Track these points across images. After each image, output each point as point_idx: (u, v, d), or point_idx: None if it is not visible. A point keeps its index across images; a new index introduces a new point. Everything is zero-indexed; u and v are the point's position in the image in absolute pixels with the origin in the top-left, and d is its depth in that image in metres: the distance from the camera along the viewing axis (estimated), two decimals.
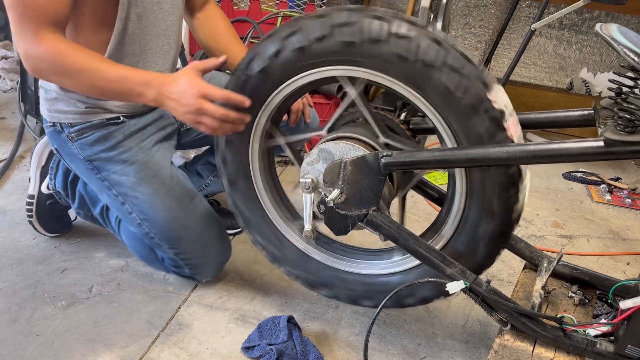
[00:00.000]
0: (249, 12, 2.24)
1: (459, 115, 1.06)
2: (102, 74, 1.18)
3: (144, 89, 1.19)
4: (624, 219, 2.10)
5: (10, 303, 1.44)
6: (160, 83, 1.19)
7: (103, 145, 1.38)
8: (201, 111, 1.16)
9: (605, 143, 0.94)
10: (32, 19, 1.14)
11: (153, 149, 1.43)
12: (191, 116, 1.18)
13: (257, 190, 1.36)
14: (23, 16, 1.14)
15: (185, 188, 1.45)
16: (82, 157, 1.40)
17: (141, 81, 1.19)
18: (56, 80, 1.24)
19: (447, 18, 2.40)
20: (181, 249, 1.43)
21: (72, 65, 1.17)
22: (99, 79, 1.19)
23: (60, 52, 1.17)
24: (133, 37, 1.32)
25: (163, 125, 1.49)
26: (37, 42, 1.16)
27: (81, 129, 1.38)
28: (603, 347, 1.03)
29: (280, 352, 1.27)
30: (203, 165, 1.73)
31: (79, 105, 1.35)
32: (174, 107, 1.19)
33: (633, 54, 0.90)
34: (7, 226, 1.76)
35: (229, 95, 1.18)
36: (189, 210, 1.42)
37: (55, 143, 1.44)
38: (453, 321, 1.48)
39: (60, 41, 1.18)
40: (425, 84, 1.07)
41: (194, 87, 1.16)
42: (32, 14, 1.14)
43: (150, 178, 1.39)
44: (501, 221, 1.13)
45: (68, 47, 1.18)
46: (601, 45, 2.87)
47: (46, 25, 1.16)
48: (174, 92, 1.18)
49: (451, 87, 1.04)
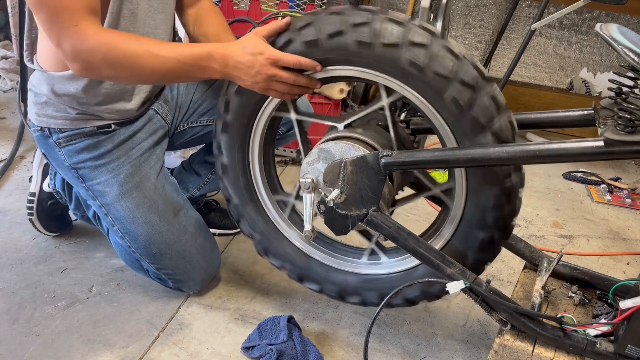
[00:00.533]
0: (249, 12, 2.24)
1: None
2: (161, 55, 1.14)
3: (208, 62, 1.15)
4: (624, 219, 2.10)
5: (10, 303, 1.44)
6: (225, 54, 1.14)
7: (90, 154, 1.35)
8: (273, 78, 1.13)
9: (605, 143, 0.94)
10: (70, 12, 1.08)
11: (141, 158, 1.39)
12: (262, 84, 1.14)
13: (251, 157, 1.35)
14: (59, 12, 1.07)
15: (170, 201, 1.40)
16: (67, 164, 1.37)
17: (203, 54, 1.14)
18: (111, 73, 1.16)
19: (447, 18, 2.40)
20: (162, 265, 1.41)
21: (127, 52, 1.12)
22: (159, 62, 1.14)
23: (112, 40, 1.11)
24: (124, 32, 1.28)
25: (154, 129, 1.45)
26: (83, 35, 1.09)
27: (70, 136, 1.34)
28: (603, 347, 1.03)
29: (280, 352, 1.27)
30: (200, 163, 1.72)
31: (70, 111, 1.32)
32: (241, 77, 1.15)
33: (633, 54, 0.90)
34: (7, 226, 1.76)
35: (300, 60, 1.13)
36: (172, 225, 1.39)
37: (43, 148, 1.40)
38: (453, 321, 1.48)
39: (107, 30, 1.13)
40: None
41: (263, 53, 1.12)
42: (69, 5, 1.07)
43: (134, 191, 1.36)
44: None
45: (117, 34, 1.14)
46: (601, 45, 2.87)
47: (86, 16, 1.10)
48: (242, 62, 1.13)
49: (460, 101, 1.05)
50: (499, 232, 1.17)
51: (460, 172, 1.14)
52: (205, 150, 1.72)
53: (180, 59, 1.15)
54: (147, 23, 1.32)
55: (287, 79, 1.14)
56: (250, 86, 1.16)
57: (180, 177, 1.74)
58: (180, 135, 1.59)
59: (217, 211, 1.83)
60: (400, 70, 1.08)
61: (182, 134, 1.59)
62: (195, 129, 1.60)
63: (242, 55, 1.13)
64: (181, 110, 1.56)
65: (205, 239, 1.47)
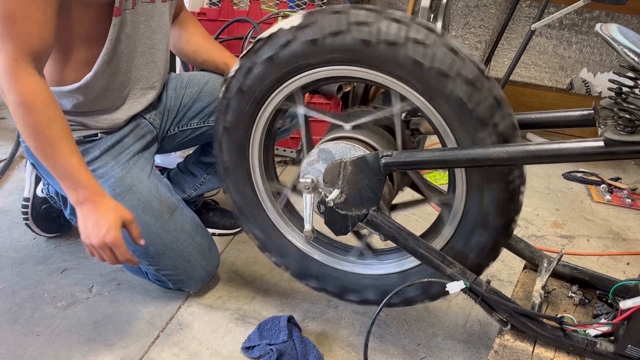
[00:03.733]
0: (249, 12, 2.24)
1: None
2: (59, 151, 1.15)
3: (77, 186, 1.18)
4: (624, 219, 2.10)
5: (10, 303, 1.44)
6: (95, 195, 1.19)
7: None
8: (102, 251, 1.20)
9: (605, 143, 0.94)
10: (17, 45, 1.08)
11: (131, 162, 1.39)
12: (91, 247, 1.20)
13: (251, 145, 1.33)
14: (9, 37, 1.08)
15: (165, 201, 1.40)
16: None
17: (82, 181, 1.18)
18: (12, 113, 1.14)
19: (447, 18, 2.40)
20: (161, 266, 1.40)
21: (37, 121, 1.12)
22: (53, 152, 1.15)
23: (33, 102, 1.11)
24: (121, 55, 1.31)
25: (142, 134, 1.45)
26: (13, 73, 1.09)
27: None
28: (603, 347, 1.03)
29: (280, 352, 1.27)
30: (195, 164, 1.71)
31: None
32: (86, 222, 1.19)
33: (633, 54, 0.90)
34: (7, 226, 1.76)
35: (127, 257, 1.22)
36: (169, 225, 1.39)
37: (31, 158, 1.39)
38: (453, 321, 1.48)
39: (37, 86, 1.12)
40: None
41: (110, 231, 1.17)
42: (18, 38, 1.08)
43: (126, 194, 1.35)
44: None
45: (42, 97, 1.13)
46: (601, 45, 2.87)
47: (29, 56, 1.10)
48: (94, 218, 1.18)
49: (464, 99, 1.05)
50: (500, 233, 1.17)
51: (460, 172, 1.14)
52: (200, 151, 1.71)
53: (65, 167, 1.17)
54: (143, 42, 1.36)
55: (109, 257, 1.20)
56: (84, 237, 1.21)
57: (176, 179, 1.74)
58: (171, 139, 1.59)
59: (216, 211, 1.83)
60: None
61: (173, 138, 1.59)
62: (185, 132, 1.60)
63: (103, 212, 1.18)
64: (170, 114, 1.56)
65: (203, 238, 1.47)
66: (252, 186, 1.35)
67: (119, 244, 1.18)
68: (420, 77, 1.06)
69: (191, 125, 1.59)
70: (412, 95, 1.09)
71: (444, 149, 1.10)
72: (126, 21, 1.28)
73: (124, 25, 1.28)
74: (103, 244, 1.18)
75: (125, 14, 1.27)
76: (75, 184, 1.18)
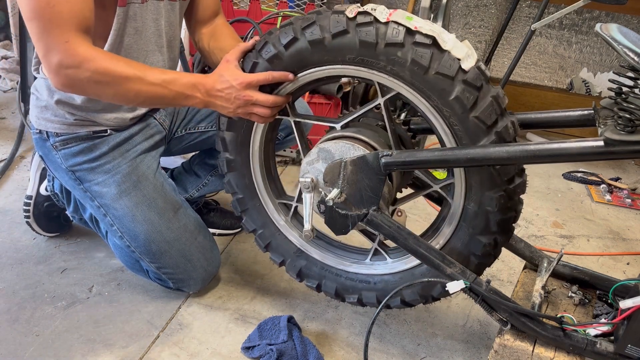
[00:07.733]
0: (249, 12, 2.24)
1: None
2: (148, 81, 1.16)
3: (192, 92, 1.19)
4: (624, 219, 2.10)
5: (10, 303, 1.44)
6: (206, 83, 1.19)
7: (86, 157, 1.36)
8: (251, 101, 1.17)
9: (605, 143, 0.94)
10: (63, 26, 1.08)
11: (137, 159, 1.40)
12: (243, 109, 1.19)
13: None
14: (51, 24, 1.07)
15: (169, 200, 1.41)
16: (64, 166, 1.37)
17: (188, 84, 1.19)
18: (95, 90, 1.17)
19: (447, 18, 2.40)
20: (162, 264, 1.40)
21: (116, 73, 1.14)
22: (145, 86, 1.16)
23: (102, 60, 1.13)
24: (129, 50, 1.31)
25: (151, 133, 1.46)
26: (72, 52, 1.10)
27: (66, 139, 1.35)
28: (603, 347, 1.03)
29: (280, 352, 1.27)
30: (200, 165, 1.72)
31: (68, 117, 1.33)
32: (223, 105, 1.19)
33: (633, 54, 0.90)
34: (7, 226, 1.76)
35: (272, 75, 1.17)
36: (172, 223, 1.39)
37: (41, 150, 1.41)
38: (453, 321, 1.48)
39: (98, 50, 1.14)
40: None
41: (236, 79, 1.16)
42: (62, 20, 1.07)
43: (132, 190, 1.36)
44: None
45: (107, 55, 1.15)
46: (601, 45, 2.86)
47: (78, 33, 1.10)
48: (222, 90, 1.18)
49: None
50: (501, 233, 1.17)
51: (460, 171, 1.14)
52: (205, 152, 1.72)
53: (166, 87, 1.18)
54: (154, 41, 1.35)
55: (262, 101, 1.18)
56: (233, 112, 1.20)
57: (180, 178, 1.74)
58: (177, 141, 1.60)
59: (217, 211, 1.83)
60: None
61: (180, 140, 1.60)
62: (192, 135, 1.60)
63: (221, 83, 1.18)
64: (179, 116, 1.57)
65: (205, 238, 1.47)
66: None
67: (251, 77, 1.16)
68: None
69: (199, 128, 1.60)
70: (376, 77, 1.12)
71: (444, 149, 1.10)
72: (135, 15, 1.27)
73: (132, 19, 1.27)
74: (246, 94, 1.17)
75: (133, 7, 1.26)
76: (188, 89, 1.19)
